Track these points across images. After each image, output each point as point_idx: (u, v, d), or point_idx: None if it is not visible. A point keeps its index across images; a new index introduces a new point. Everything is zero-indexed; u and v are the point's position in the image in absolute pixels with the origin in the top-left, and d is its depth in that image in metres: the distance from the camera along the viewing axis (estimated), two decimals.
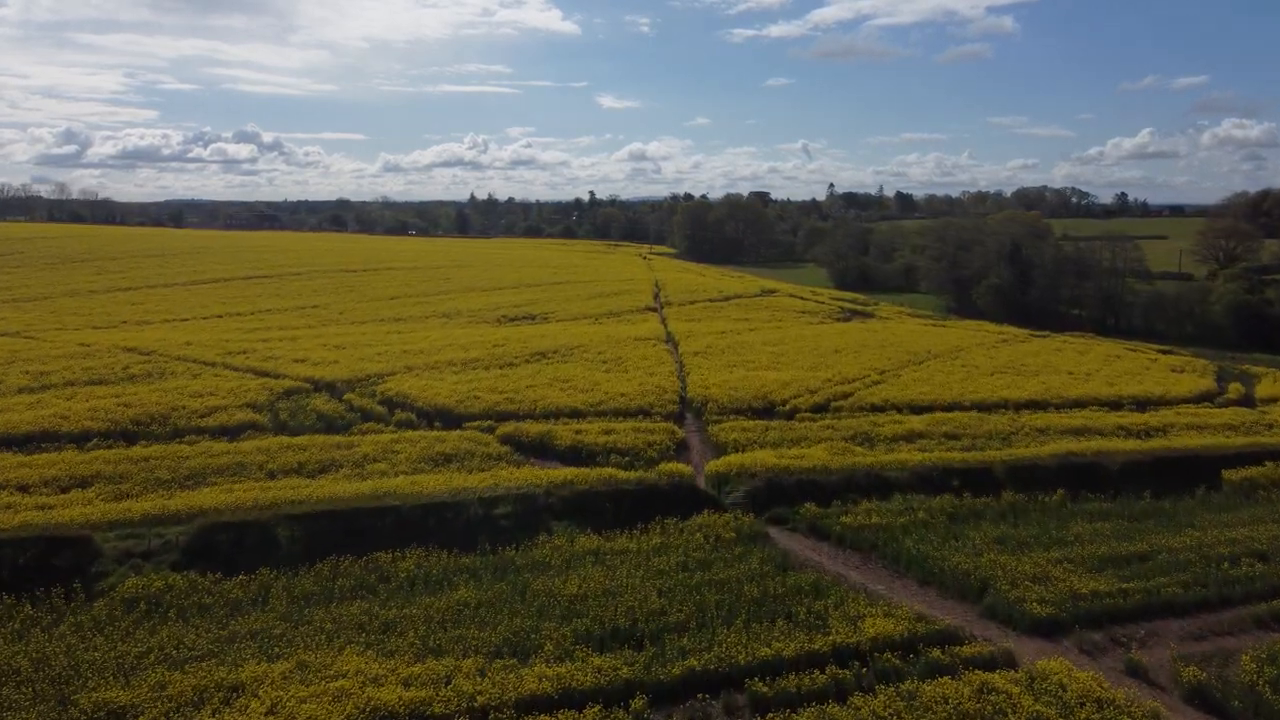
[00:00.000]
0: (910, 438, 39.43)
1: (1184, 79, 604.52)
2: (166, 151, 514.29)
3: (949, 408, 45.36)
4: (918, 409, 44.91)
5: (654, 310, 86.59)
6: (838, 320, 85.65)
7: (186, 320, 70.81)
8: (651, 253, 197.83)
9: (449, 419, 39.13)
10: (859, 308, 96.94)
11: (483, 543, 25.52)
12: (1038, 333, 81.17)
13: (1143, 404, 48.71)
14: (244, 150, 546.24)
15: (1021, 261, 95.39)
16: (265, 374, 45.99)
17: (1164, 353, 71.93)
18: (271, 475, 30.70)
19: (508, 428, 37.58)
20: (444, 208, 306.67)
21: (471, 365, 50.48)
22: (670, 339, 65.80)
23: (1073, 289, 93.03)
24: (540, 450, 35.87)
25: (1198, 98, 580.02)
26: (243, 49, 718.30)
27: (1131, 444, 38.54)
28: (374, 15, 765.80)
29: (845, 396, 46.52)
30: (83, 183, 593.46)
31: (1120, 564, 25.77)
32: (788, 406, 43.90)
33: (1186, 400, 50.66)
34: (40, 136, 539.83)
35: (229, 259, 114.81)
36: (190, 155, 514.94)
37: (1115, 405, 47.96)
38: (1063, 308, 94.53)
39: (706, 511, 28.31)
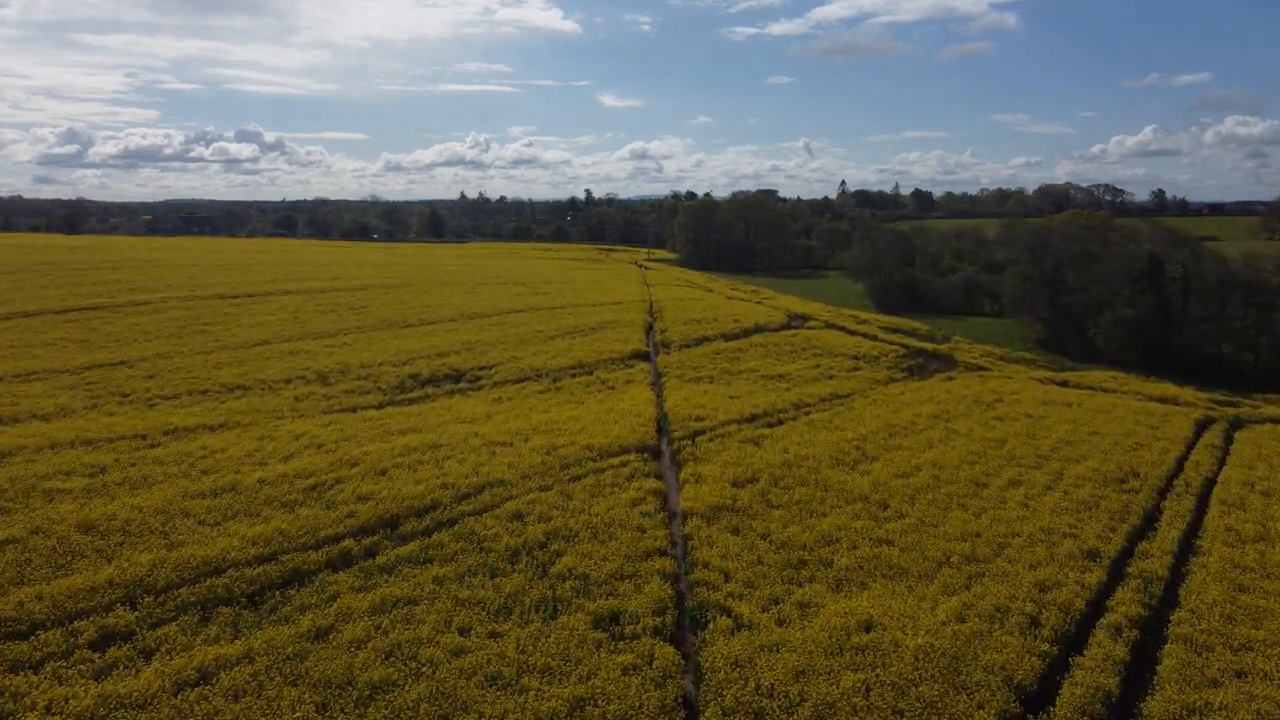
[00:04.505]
0: None
1: (1186, 76, 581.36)
2: (168, 151, 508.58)
3: None
4: None
5: (645, 358, 59.26)
6: (912, 375, 58.42)
7: None
8: (649, 259, 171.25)
9: None
10: (930, 346, 68.90)
11: None
12: (1228, 399, 52.98)
13: None
14: (246, 150, 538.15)
15: (1165, 285, 66.90)
16: None
17: None
18: None
19: None
20: (415, 208, 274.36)
21: (164, 611, 21.77)
22: (662, 435, 37.82)
23: (1242, 323, 64.60)
24: None
25: (1200, 94, 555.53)
26: (244, 49, 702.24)
27: None
28: (375, 15, 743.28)
29: None
30: (85, 182, 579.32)
31: None
32: None
33: None
34: (42, 137, 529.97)
35: (66, 280, 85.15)
36: (192, 155, 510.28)
37: None
38: (1226, 349, 66.02)
39: None
